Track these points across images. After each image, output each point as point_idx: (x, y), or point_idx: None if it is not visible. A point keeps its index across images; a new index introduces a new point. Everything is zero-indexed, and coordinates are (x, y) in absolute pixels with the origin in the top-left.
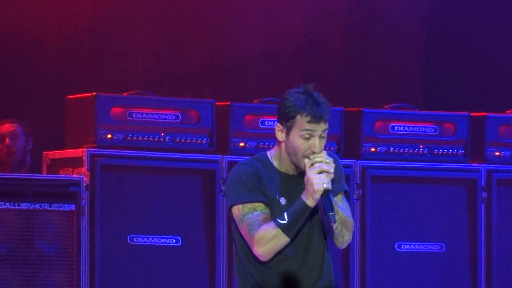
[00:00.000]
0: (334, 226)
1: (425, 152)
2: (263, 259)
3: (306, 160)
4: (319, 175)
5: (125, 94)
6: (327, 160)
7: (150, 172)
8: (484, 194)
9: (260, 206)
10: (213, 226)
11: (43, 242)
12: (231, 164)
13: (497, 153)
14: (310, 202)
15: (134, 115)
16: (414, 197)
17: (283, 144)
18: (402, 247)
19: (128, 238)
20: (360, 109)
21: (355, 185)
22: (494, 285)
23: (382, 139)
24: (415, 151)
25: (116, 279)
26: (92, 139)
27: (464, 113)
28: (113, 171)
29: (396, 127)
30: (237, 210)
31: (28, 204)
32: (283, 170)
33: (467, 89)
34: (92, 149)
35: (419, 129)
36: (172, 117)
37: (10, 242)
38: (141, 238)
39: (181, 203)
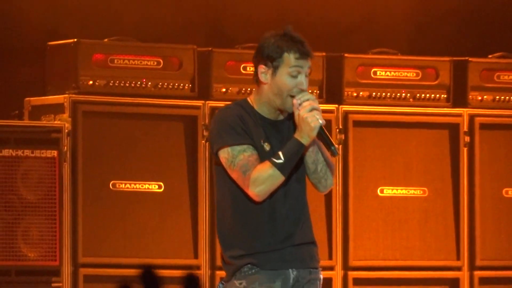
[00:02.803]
0: (319, 168)
1: (408, 96)
2: (258, 199)
3: (294, 100)
4: (312, 113)
5: (106, 40)
6: (314, 97)
7: (132, 118)
8: (467, 139)
9: (249, 148)
10: (195, 171)
11: (26, 189)
12: (213, 109)
13: (479, 98)
14: (306, 141)
15: (115, 61)
16: (396, 142)
17: (264, 88)
18: (385, 192)
19: (110, 184)
20: (342, 54)
21: (337, 130)
22: (476, 229)
23: (364, 84)
24: (397, 96)
25: (98, 225)
26: (74, 86)
27: (446, 58)
28: (95, 117)
29: (378, 72)
30: (226, 153)
31: (10, 150)
32: (264, 115)
33: (450, 34)
34: (74, 96)
35: (401, 74)
36: (153, 63)
37: None
38: (123, 184)
39: (163, 149)
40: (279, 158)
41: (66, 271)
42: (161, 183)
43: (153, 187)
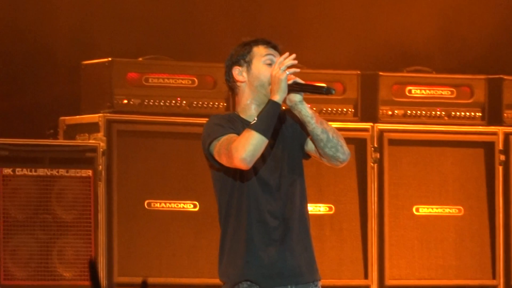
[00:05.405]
0: (331, 135)
1: (443, 115)
2: (244, 164)
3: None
4: (277, 69)
5: (140, 59)
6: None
7: (167, 137)
8: (502, 157)
9: (234, 134)
10: None
11: (61, 208)
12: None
13: None
14: (278, 96)
15: (150, 80)
16: (432, 160)
17: (243, 87)
18: (421, 210)
19: (145, 203)
20: (377, 72)
21: (372, 149)
22: None
23: (399, 102)
24: (433, 114)
25: (133, 245)
26: (109, 105)
27: (481, 76)
28: (130, 136)
29: (413, 91)
30: (215, 146)
31: (45, 170)
32: (251, 120)
33: (484, 52)
34: (108, 115)
35: (436, 92)
36: (188, 81)
37: (27, 208)
38: (158, 203)
39: (197, 167)
40: (254, 120)
41: None
42: (197, 202)
43: (189, 206)
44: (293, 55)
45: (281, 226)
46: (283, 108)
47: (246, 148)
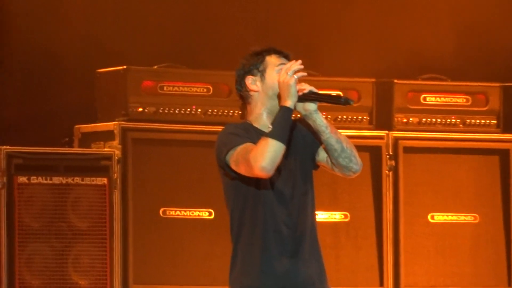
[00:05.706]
0: (345, 145)
1: (458, 122)
2: (264, 173)
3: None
4: (283, 74)
5: (155, 67)
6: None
7: (182, 145)
8: None
9: (251, 143)
10: None
11: (76, 216)
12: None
13: None
14: (290, 101)
15: (165, 88)
16: (447, 168)
17: (257, 97)
18: (436, 218)
19: (160, 211)
20: (392, 80)
21: (387, 156)
22: None
23: (414, 110)
24: (448, 122)
25: (148, 253)
26: (124, 113)
27: (496, 83)
28: (145, 144)
29: (428, 98)
30: (232, 155)
31: (60, 178)
32: (264, 129)
33: (499, 59)
34: (123, 123)
35: (451, 99)
36: (203, 90)
37: (42, 217)
38: (173, 211)
39: (213, 175)
40: (268, 128)
41: None
42: (212, 210)
43: (204, 214)
44: (299, 61)
45: (294, 236)
46: (298, 116)
47: (265, 156)
